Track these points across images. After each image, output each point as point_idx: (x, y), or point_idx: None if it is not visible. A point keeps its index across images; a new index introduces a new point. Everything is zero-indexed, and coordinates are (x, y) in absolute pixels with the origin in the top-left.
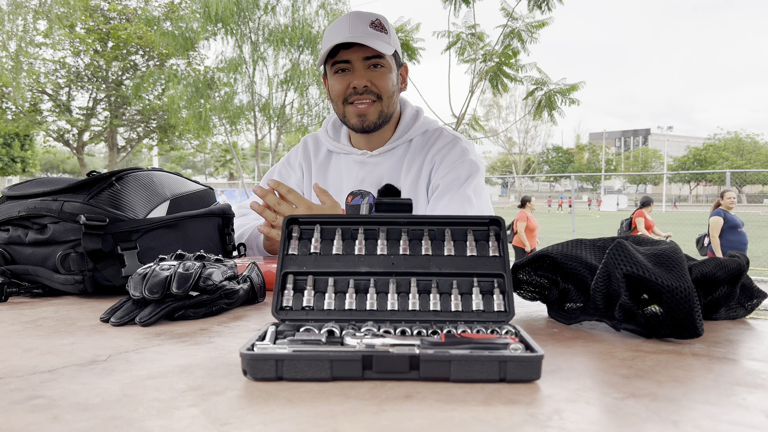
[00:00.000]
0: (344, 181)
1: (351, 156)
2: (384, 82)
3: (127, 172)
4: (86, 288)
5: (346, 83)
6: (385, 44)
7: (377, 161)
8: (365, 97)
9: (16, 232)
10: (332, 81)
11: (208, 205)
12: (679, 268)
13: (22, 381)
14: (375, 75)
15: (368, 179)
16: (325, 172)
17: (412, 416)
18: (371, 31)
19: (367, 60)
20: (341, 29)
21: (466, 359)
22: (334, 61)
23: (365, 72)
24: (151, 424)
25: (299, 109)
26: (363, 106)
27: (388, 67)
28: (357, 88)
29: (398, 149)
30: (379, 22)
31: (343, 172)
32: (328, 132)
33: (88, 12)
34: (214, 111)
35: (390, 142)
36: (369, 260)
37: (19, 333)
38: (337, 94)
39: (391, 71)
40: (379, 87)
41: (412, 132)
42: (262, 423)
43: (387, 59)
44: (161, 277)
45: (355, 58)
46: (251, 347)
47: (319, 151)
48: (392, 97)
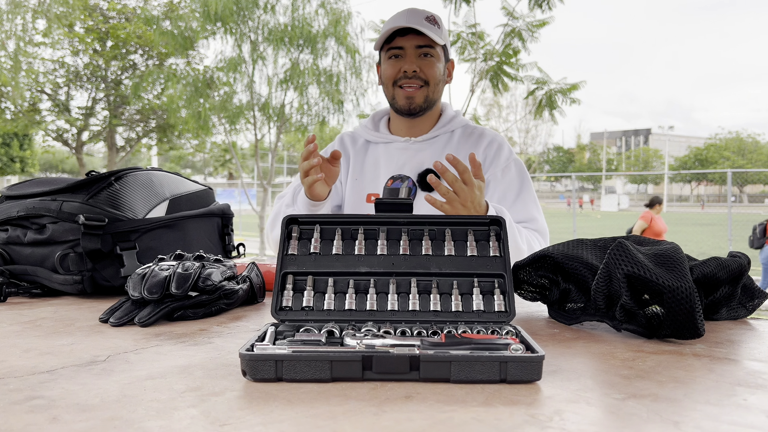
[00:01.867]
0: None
1: (392, 144)
2: (432, 70)
3: (126, 172)
4: (85, 288)
5: (398, 68)
6: (437, 36)
7: (419, 147)
8: (413, 81)
9: (15, 232)
10: (385, 65)
11: (208, 205)
12: (680, 269)
13: (21, 381)
14: (425, 63)
15: (409, 164)
16: (362, 159)
17: (412, 417)
18: (425, 23)
19: (418, 48)
20: (398, 19)
21: (466, 360)
22: (389, 47)
23: (416, 59)
24: (150, 425)
25: (299, 108)
26: (411, 89)
27: (437, 57)
28: (407, 72)
29: (440, 138)
30: (434, 18)
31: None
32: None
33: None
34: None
35: (434, 130)
36: (369, 260)
37: (18, 333)
38: (388, 77)
39: (439, 61)
40: (427, 74)
41: (454, 124)
42: (262, 423)
43: (437, 50)
44: (160, 277)
45: (408, 45)
46: (251, 348)
47: (356, 143)
48: (438, 84)
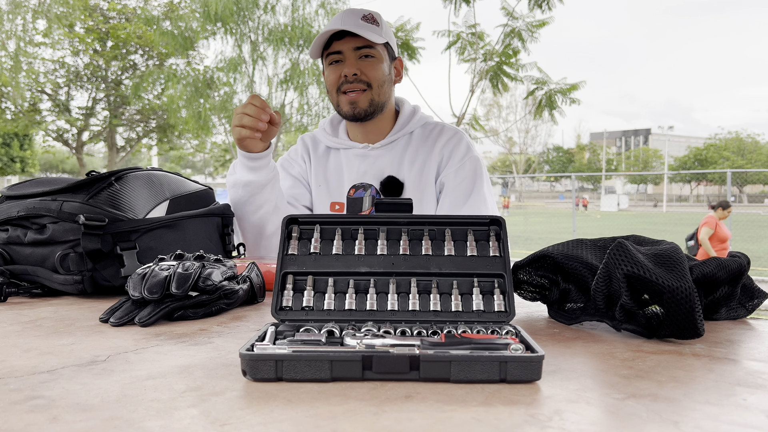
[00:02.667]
0: (345, 174)
1: (351, 150)
2: (374, 72)
3: (126, 172)
4: (85, 288)
5: (338, 73)
6: (375, 35)
7: (378, 154)
8: (355, 85)
9: (16, 232)
10: (327, 72)
11: (208, 205)
12: (680, 269)
13: (22, 381)
14: (365, 64)
15: (370, 172)
16: (324, 166)
17: (412, 417)
18: (362, 23)
19: (357, 50)
20: (335, 22)
21: (466, 360)
22: (327, 53)
23: (356, 61)
24: (150, 425)
25: (299, 108)
26: (354, 93)
27: (378, 57)
28: (347, 76)
29: (399, 141)
30: (371, 16)
31: (344, 166)
32: (326, 129)
33: (88, 11)
34: (214, 111)
35: (390, 135)
36: (369, 260)
37: (18, 333)
38: (330, 83)
39: (381, 61)
40: (369, 76)
41: (412, 125)
42: (262, 423)
43: (377, 50)
44: (160, 277)
45: (346, 48)
46: (251, 347)
47: (317, 148)
48: (383, 86)
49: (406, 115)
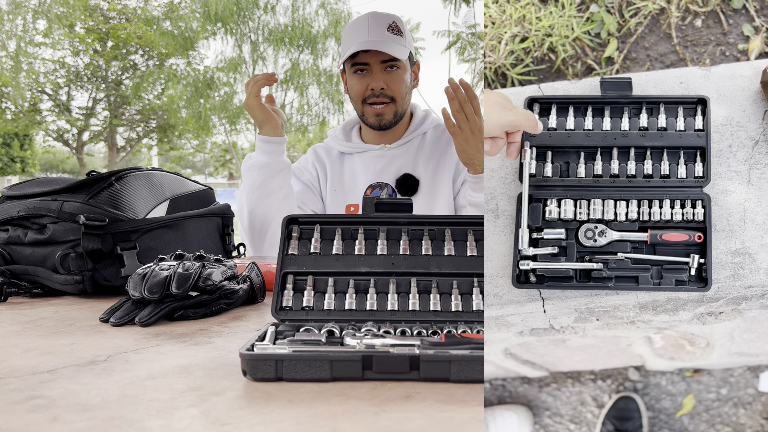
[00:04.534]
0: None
1: (367, 153)
2: (398, 85)
3: (126, 172)
4: (86, 288)
5: (365, 84)
6: (401, 47)
7: (395, 154)
8: (381, 99)
9: (16, 232)
10: (351, 80)
11: (208, 205)
12: None
13: (22, 381)
14: (391, 78)
15: (387, 171)
16: (339, 170)
17: (412, 416)
18: (388, 35)
19: (383, 63)
20: (360, 31)
21: (466, 359)
22: (354, 62)
23: (382, 74)
24: (150, 425)
25: (299, 108)
26: (380, 107)
27: (403, 69)
28: (374, 90)
29: (413, 141)
30: (396, 25)
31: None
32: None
33: (88, 12)
34: (214, 111)
35: (406, 135)
36: (369, 260)
37: (18, 333)
38: (356, 93)
39: (405, 72)
40: (394, 90)
41: (425, 126)
42: (262, 423)
43: (402, 61)
44: (161, 277)
45: (374, 61)
46: (251, 347)
47: (330, 154)
48: (405, 97)
49: (419, 118)
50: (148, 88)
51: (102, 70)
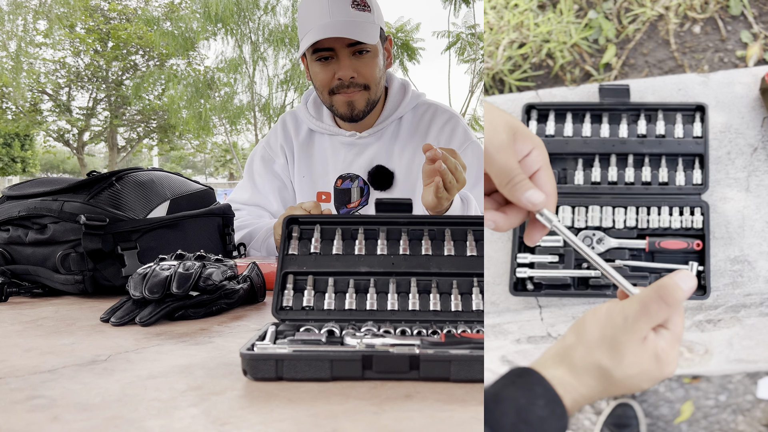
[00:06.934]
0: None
1: (337, 137)
2: (371, 70)
3: (127, 172)
4: (86, 288)
5: (331, 73)
6: (370, 26)
7: (366, 142)
8: (352, 89)
9: (16, 232)
10: (314, 68)
11: (208, 205)
12: None
13: (22, 381)
14: (361, 64)
15: (357, 162)
16: (309, 152)
17: (412, 416)
18: (354, 12)
19: (351, 47)
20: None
21: (466, 359)
22: (315, 48)
23: (350, 60)
24: (151, 424)
25: None
26: (351, 94)
27: (374, 52)
28: (343, 79)
29: (388, 128)
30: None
31: (329, 154)
32: (309, 110)
33: (88, 12)
34: (214, 111)
35: (378, 122)
36: (369, 260)
37: (19, 333)
38: (321, 83)
39: (377, 55)
40: (367, 77)
41: (402, 109)
42: (262, 423)
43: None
44: (161, 277)
45: (339, 46)
46: (251, 347)
47: (299, 130)
48: (379, 83)
49: (394, 99)
50: (149, 88)
51: (102, 71)
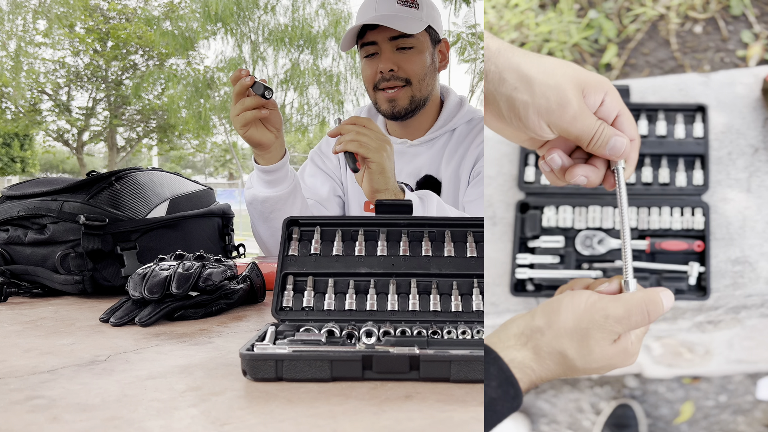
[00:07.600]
0: None
1: None
2: (412, 65)
3: (126, 172)
4: (86, 288)
5: (375, 68)
6: (415, 21)
7: (416, 151)
8: (393, 83)
9: (16, 232)
10: (362, 65)
11: (208, 205)
12: None
13: (22, 381)
14: (403, 58)
15: (406, 170)
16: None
17: (412, 416)
18: (399, 8)
19: (393, 41)
20: (368, 8)
21: (466, 359)
22: (362, 43)
23: (392, 54)
24: (150, 425)
25: (299, 108)
26: (393, 91)
27: (418, 47)
28: (383, 73)
29: (440, 138)
30: None
31: None
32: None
33: (88, 12)
34: (214, 111)
35: (431, 131)
36: (369, 261)
37: (18, 333)
38: (367, 79)
39: (422, 51)
40: (408, 71)
41: (456, 120)
42: (262, 423)
43: (418, 38)
44: (161, 277)
45: (381, 39)
46: (251, 347)
47: None
48: (424, 79)
49: (450, 110)
50: (148, 88)
51: (102, 70)
